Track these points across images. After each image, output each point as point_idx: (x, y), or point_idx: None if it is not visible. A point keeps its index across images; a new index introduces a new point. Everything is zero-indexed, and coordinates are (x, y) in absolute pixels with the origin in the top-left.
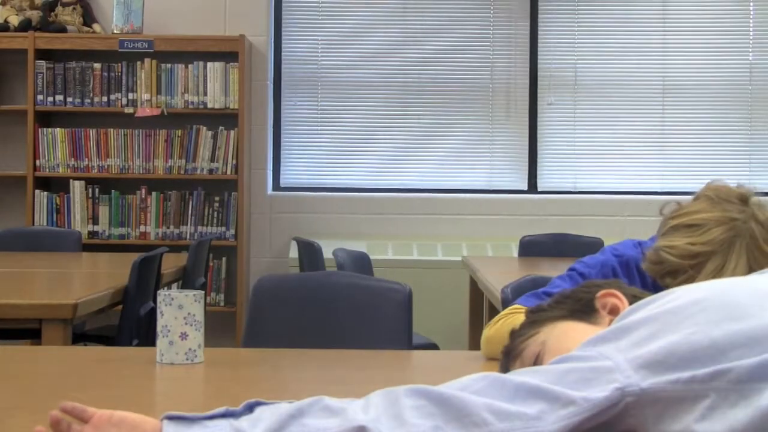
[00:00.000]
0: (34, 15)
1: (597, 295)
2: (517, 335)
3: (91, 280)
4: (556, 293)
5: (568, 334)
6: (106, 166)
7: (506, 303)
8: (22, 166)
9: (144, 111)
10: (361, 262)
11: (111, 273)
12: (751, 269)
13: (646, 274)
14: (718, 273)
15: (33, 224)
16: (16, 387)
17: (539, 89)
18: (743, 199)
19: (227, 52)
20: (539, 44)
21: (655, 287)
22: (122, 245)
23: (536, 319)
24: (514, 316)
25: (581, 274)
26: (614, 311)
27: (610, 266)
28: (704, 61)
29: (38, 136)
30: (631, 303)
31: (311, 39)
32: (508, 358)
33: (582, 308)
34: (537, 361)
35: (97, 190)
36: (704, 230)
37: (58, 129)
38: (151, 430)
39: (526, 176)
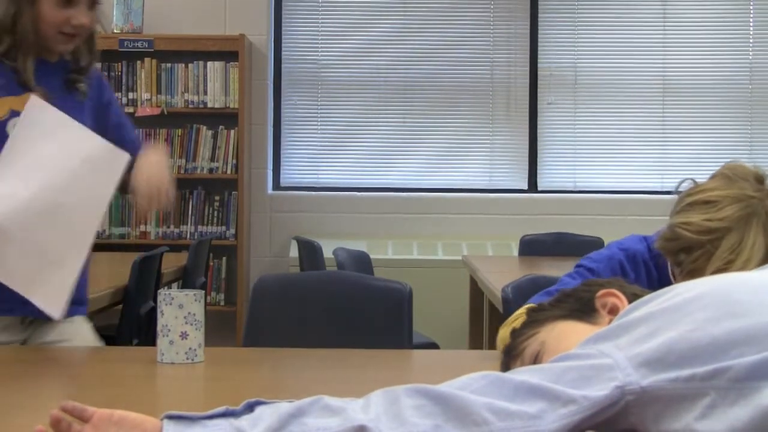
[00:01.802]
0: None
1: (597, 295)
2: (517, 334)
3: (91, 280)
4: (558, 292)
5: (567, 334)
6: None
7: (506, 302)
8: None
9: (144, 110)
10: (362, 262)
11: (111, 272)
12: (767, 248)
13: (652, 269)
14: (735, 249)
15: None
16: (16, 387)
17: (539, 88)
18: (759, 179)
19: (227, 52)
20: (539, 43)
21: (661, 282)
22: (122, 245)
23: (536, 318)
24: None
25: (589, 269)
26: (614, 311)
27: (617, 260)
28: (704, 60)
29: None
30: (631, 302)
31: (311, 38)
32: (509, 357)
33: (582, 308)
34: (536, 360)
35: None
36: (720, 207)
37: None
38: (151, 430)
39: (527, 175)
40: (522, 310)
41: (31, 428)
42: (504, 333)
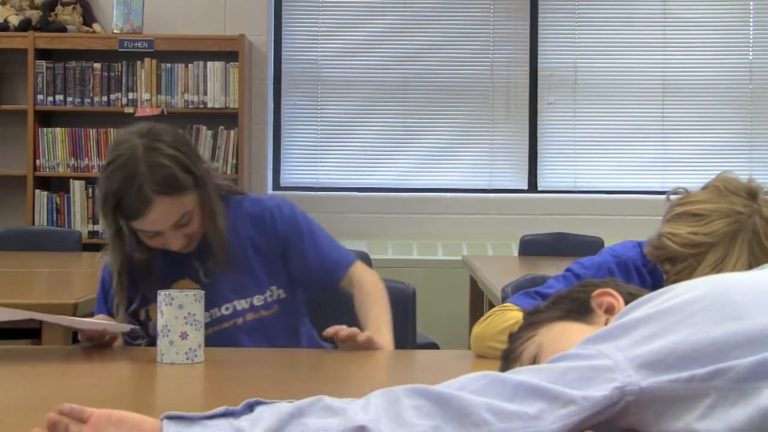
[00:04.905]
0: (34, 15)
1: (593, 295)
2: (515, 338)
3: (91, 280)
4: (554, 294)
5: (564, 335)
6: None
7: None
8: (22, 166)
9: (144, 111)
10: (362, 262)
11: None
12: (750, 265)
13: (645, 275)
14: (718, 266)
15: (33, 224)
16: (16, 387)
17: (539, 88)
18: (752, 193)
19: (227, 52)
20: (539, 43)
21: (655, 288)
22: None
23: (533, 321)
24: (503, 313)
25: (577, 275)
26: (610, 310)
27: (606, 268)
28: (704, 59)
29: (38, 135)
30: (627, 301)
31: (311, 38)
32: (507, 361)
33: (578, 308)
34: (534, 363)
35: (97, 189)
36: (708, 221)
37: (58, 129)
38: (150, 430)
39: (527, 175)
40: (496, 308)
41: (30, 429)
42: (477, 331)
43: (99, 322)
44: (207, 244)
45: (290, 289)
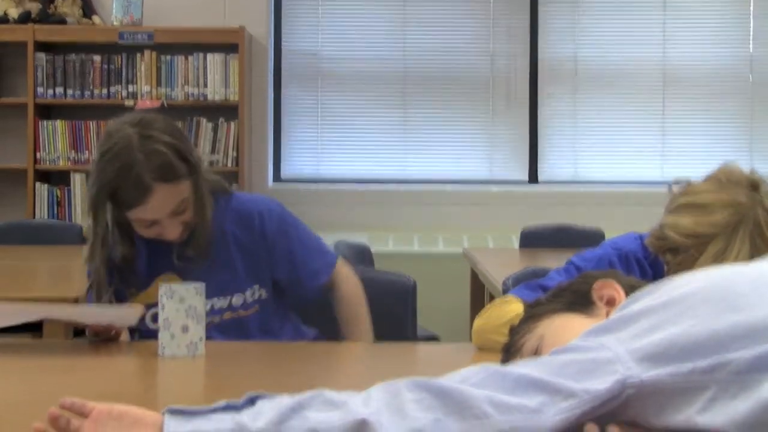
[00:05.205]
0: (34, 7)
1: (594, 287)
2: (516, 331)
3: None
4: (554, 286)
5: (565, 327)
6: None
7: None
8: (22, 159)
9: (144, 103)
10: (363, 255)
11: None
12: (752, 257)
13: (646, 268)
14: (719, 256)
15: (34, 217)
16: (17, 381)
17: (540, 79)
18: (754, 184)
19: (227, 44)
20: (539, 34)
21: (655, 280)
22: None
23: (534, 313)
24: (504, 305)
25: (578, 267)
26: (611, 303)
27: (607, 260)
28: (705, 50)
29: (38, 128)
30: (628, 293)
31: (312, 30)
32: (508, 353)
33: (579, 300)
34: (536, 355)
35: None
36: (710, 212)
37: (58, 121)
38: (152, 424)
39: (527, 167)
40: (497, 301)
41: (31, 423)
42: (478, 324)
43: (104, 312)
44: (193, 235)
45: (272, 290)
